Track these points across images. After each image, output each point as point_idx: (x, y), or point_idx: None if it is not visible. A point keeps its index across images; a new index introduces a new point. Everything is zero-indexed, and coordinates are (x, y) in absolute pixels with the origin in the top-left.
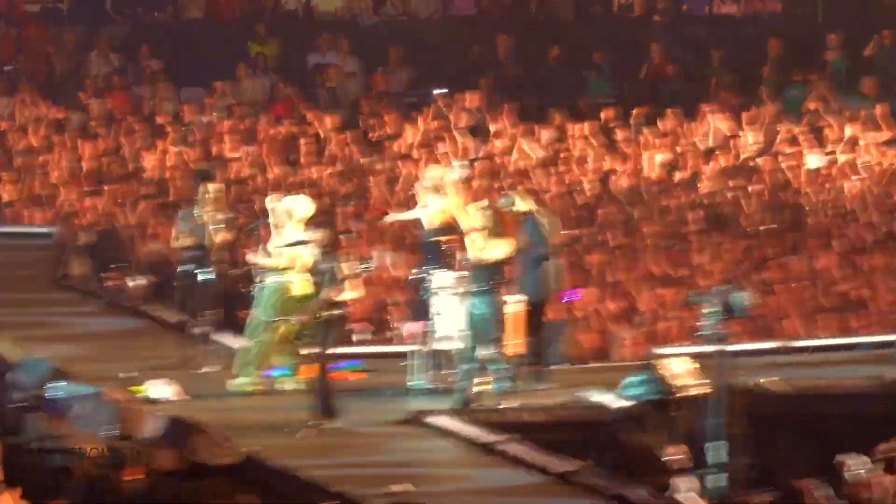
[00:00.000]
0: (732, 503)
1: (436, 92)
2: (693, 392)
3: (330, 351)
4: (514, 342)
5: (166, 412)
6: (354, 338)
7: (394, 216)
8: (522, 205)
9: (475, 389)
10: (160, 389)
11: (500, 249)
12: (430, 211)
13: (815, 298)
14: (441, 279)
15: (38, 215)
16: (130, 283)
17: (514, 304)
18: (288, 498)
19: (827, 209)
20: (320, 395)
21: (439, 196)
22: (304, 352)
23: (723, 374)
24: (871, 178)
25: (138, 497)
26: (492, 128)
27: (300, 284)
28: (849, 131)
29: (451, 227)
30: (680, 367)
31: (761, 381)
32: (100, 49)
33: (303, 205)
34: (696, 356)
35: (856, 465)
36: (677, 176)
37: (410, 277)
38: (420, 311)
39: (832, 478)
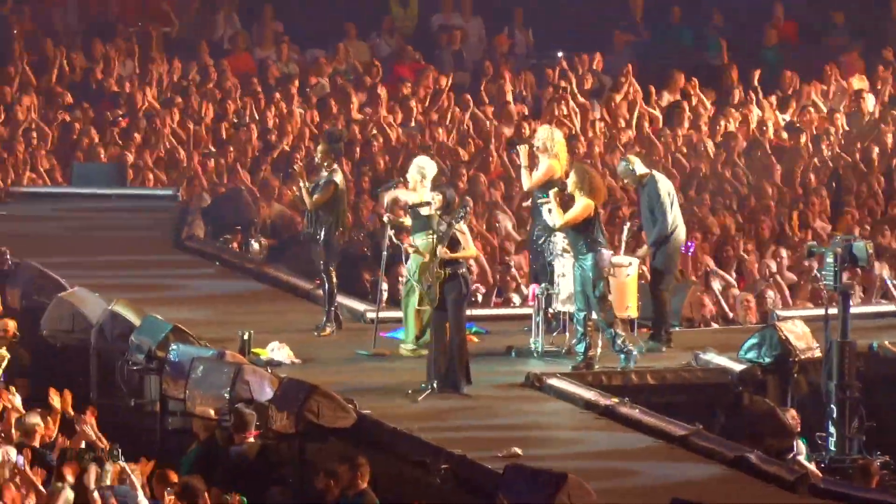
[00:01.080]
0: (846, 466)
1: (559, 54)
2: (812, 355)
3: (450, 312)
4: (627, 305)
5: (287, 375)
6: (478, 299)
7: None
8: (641, 167)
9: (592, 352)
10: (277, 353)
11: (576, 210)
12: (537, 170)
13: None
14: (563, 242)
15: (162, 177)
16: (252, 245)
17: (627, 268)
18: (405, 460)
19: None
20: (441, 358)
21: (547, 156)
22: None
23: (839, 336)
24: None
25: (256, 459)
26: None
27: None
28: None
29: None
30: (799, 330)
31: (878, 343)
32: (224, 10)
33: (432, 165)
34: (812, 318)
35: None
36: (801, 138)
37: (531, 239)
38: (542, 272)
39: None
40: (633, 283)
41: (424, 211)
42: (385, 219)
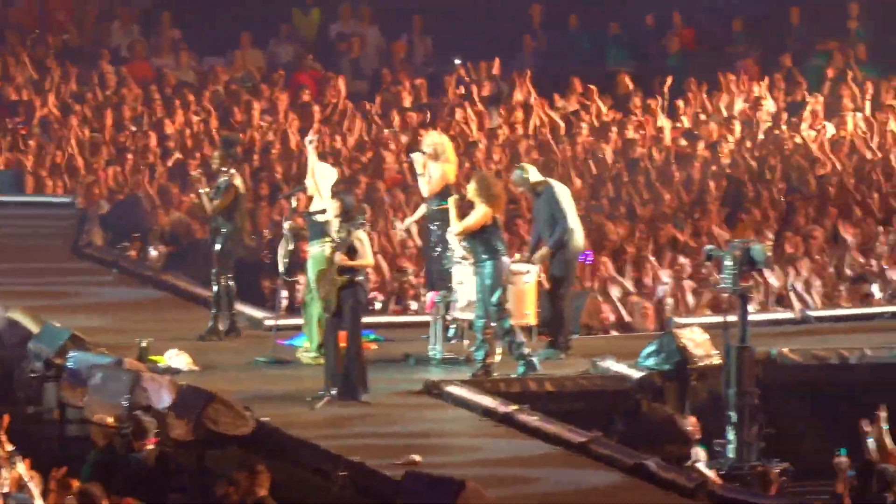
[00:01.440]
0: (745, 473)
1: (457, 61)
2: (711, 362)
3: (346, 320)
4: (525, 313)
5: (184, 382)
6: (375, 306)
7: (403, 224)
8: (536, 175)
9: (491, 360)
10: (176, 360)
11: (474, 217)
12: (430, 178)
13: (837, 268)
14: (462, 250)
15: (59, 185)
16: (150, 252)
17: (526, 275)
18: (304, 467)
19: (849, 178)
20: (337, 365)
21: (439, 162)
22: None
23: (738, 342)
24: None
25: (155, 466)
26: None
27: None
28: (869, 100)
29: (451, 193)
30: (698, 337)
31: (776, 350)
32: (122, 19)
33: (332, 171)
34: (711, 326)
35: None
36: (699, 146)
37: (428, 246)
38: (439, 280)
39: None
40: (531, 291)
41: (320, 218)
42: (285, 226)
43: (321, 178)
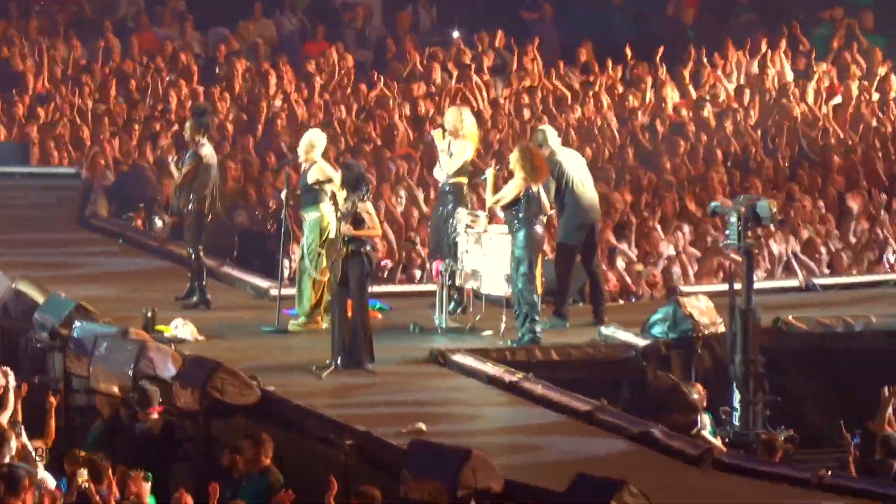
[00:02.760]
0: (750, 441)
1: (455, 35)
2: (716, 330)
3: (353, 289)
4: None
5: (191, 352)
6: (384, 275)
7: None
8: (555, 140)
9: (499, 327)
10: (181, 330)
11: (507, 190)
12: (455, 155)
13: (842, 236)
14: (466, 219)
15: (65, 156)
16: (155, 223)
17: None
18: (310, 436)
19: (855, 147)
20: (344, 334)
21: (458, 139)
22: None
23: (743, 301)
24: None
25: (161, 435)
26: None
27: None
28: (881, 70)
29: (470, 170)
30: (703, 305)
31: (781, 318)
32: None
33: (322, 138)
34: (716, 294)
35: None
36: (704, 114)
37: (434, 216)
38: (445, 249)
39: (852, 413)
40: (538, 260)
41: (319, 186)
42: (282, 195)
43: (314, 144)
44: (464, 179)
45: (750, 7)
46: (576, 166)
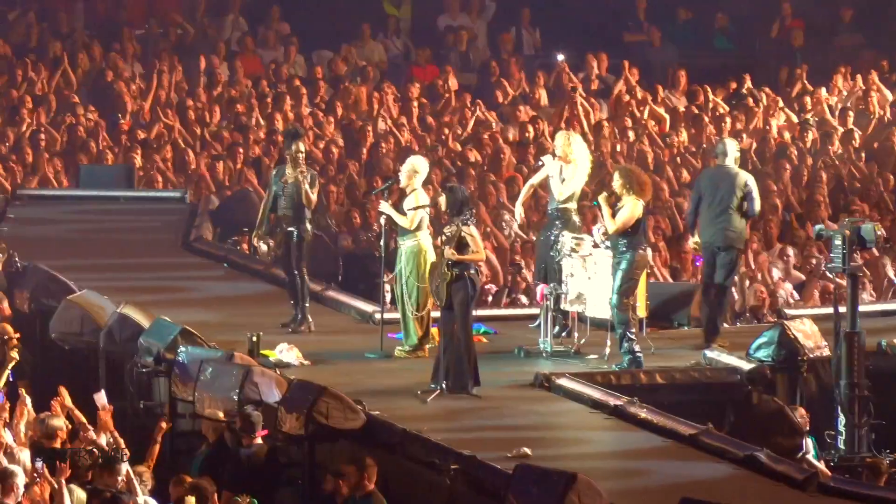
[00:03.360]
0: (856, 465)
1: (560, 58)
2: (821, 353)
3: (457, 313)
4: (636, 305)
5: (296, 376)
6: (488, 299)
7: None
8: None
9: (604, 351)
10: (286, 354)
11: (627, 212)
12: (558, 179)
13: None
14: (571, 242)
15: (170, 180)
16: (261, 247)
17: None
18: (415, 460)
19: None
20: (449, 358)
21: (569, 164)
22: (433, 314)
23: (848, 326)
24: None
25: (266, 460)
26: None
27: (431, 247)
28: None
29: (575, 196)
30: (808, 328)
31: (886, 340)
32: (232, 12)
33: (425, 164)
34: (821, 317)
35: None
36: (808, 138)
37: (541, 240)
38: (550, 273)
39: None
40: (642, 283)
41: (416, 211)
42: (381, 220)
43: (417, 169)
44: (572, 205)
45: (855, 28)
46: (713, 186)
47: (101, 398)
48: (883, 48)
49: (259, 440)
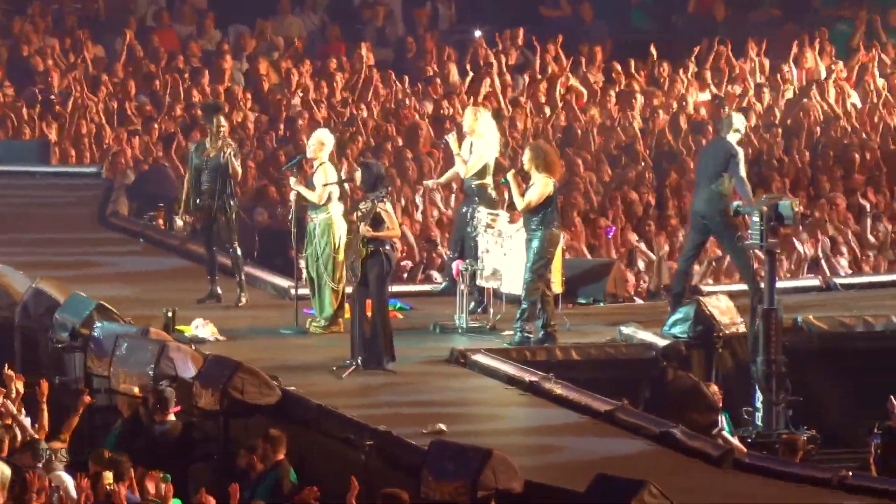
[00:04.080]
0: (772, 441)
1: (477, 34)
2: (737, 329)
3: (372, 289)
4: (552, 281)
5: (211, 352)
6: (404, 276)
7: (433, 181)
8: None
9: (521, 328)
10: (202, 330)
11: (537, 190)
12: (472, 156)
13: (862, 235)
14: (486, 218)
15: (85, 155)
16: (176, 222)
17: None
18: (330, 436)
19: (875, 145)
20: (364, 334)
21: (476, 140)
22: (348, 290)
23: (766, 300)
24: None
25: (181, 436)
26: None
27: (343, 222)
28: None
29: (488, 170)
30: (723, 305)
31: (802, 317)
32: None
33: (331, 138)
34: (737, 293)
35: None
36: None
37: (456, 216)
38: (466, 249)
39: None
40: (558, 259)
41: (325, 188)
42: (292, 196)
43: (323, 143)
44: (488, 180)
45: (769, 3)
46: (705, 156)
47: None
48: (801, 22)
49: (172, 416)
